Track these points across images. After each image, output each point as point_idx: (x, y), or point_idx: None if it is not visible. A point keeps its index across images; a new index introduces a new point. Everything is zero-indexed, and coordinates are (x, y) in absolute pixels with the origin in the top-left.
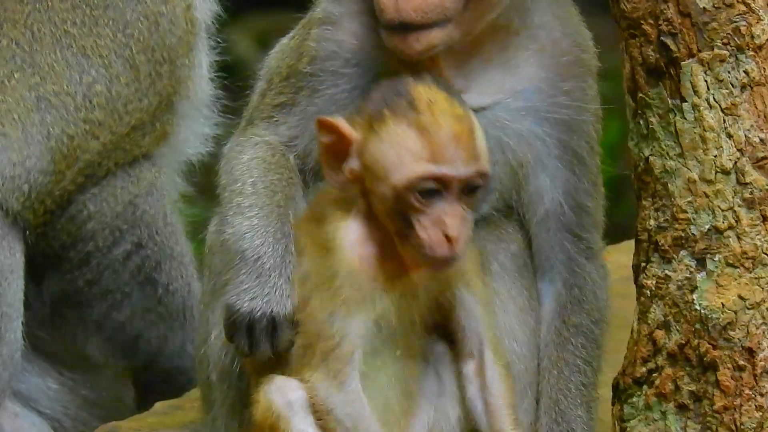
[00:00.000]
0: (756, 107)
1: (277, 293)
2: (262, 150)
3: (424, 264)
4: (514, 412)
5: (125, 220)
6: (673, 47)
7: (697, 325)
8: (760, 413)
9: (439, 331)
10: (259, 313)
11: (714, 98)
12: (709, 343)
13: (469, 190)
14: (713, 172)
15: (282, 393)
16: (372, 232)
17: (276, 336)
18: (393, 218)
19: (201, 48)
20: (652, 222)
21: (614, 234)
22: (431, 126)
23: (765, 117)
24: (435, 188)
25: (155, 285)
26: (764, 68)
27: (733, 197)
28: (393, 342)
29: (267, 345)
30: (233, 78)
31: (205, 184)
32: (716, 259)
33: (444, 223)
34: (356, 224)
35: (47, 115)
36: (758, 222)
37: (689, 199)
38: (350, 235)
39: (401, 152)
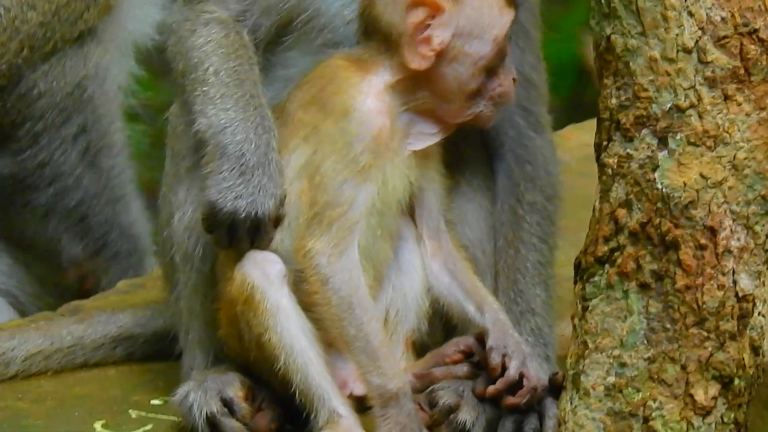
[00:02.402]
0: None
1: (261, 193)
2: (216, 31)
3: (481, 115)
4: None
5: (73, 102)
6: None
7: (659, 204)
8: (722, 292)
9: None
10: (243, 215)
11: None
12: (670, 222)
13: None
14: (675, 50)
15: (258, 266)
16: (389, 105)
17: (257, 235)
18: (475, 79)
19: None
20: (613, 101)
21: (581, 114)
22: None
23: None
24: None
25: (100, 170)
26: None
27: (694, 76)
28: (378, 221)
29: (248, 243)
30: None
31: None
32: (678, 137)
33: (512, 69)
34: (377, 92)
35: None
36: (720, 101)
37: (651, 77)
38: (372, 104)
39: (492, 6)
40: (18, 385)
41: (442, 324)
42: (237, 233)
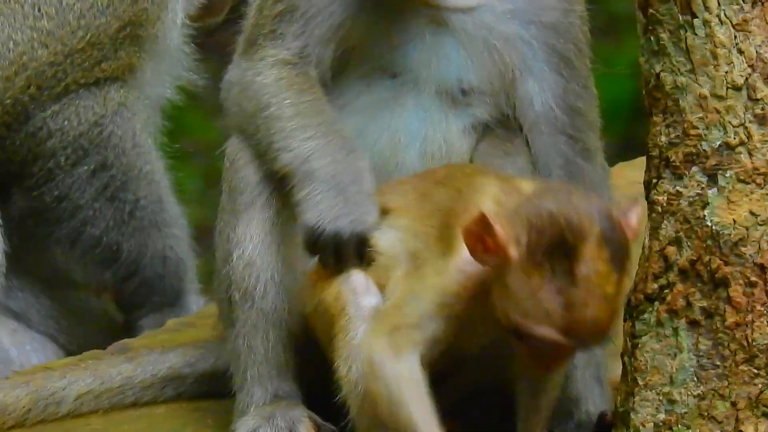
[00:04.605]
0: (767, 23)
1: (360, 209)
2: (285, 70)
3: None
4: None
5: (89, 140)
6: None
7: (709, 241)
8: None
9: None
10: (347, 234)
11: (725, 14)
12: (720, 259)
13: None
14: (724, 88)
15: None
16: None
17: (364, 251)
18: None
19: None
20: (663, 138)
21: (635, 152)
22: (578, 305)
23: None
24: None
25: (123, 202)
26: None
27: (744, 113)
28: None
29: (356, 260)
30: None
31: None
32: (727, 175)
33: (545, 360)
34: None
35: None
36: None
37: (700, 115)
38: (466, 267)
39: (537, 306)
40: (67, 424)
41: None
42: (344, 254)
